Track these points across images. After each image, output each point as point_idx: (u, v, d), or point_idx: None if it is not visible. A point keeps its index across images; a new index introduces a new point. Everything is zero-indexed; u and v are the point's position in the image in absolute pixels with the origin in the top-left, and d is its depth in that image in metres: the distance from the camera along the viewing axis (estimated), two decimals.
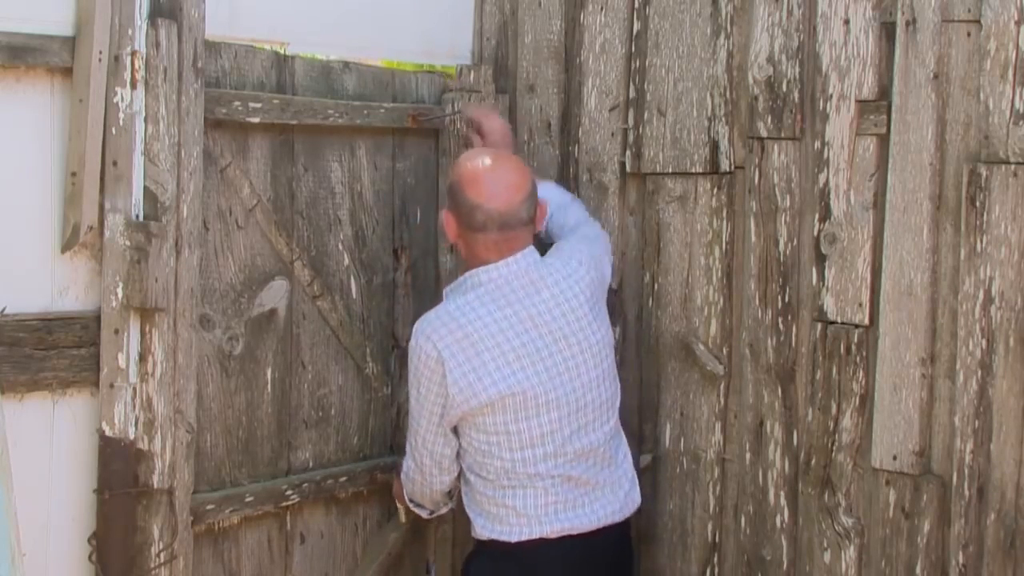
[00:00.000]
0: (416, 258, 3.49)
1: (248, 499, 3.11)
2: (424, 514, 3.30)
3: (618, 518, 3.09)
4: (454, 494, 3.21)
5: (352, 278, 3.34)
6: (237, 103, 3.03)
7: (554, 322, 3.01)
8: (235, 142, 3.05)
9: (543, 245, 3.16)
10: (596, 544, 3.06)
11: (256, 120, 3.06)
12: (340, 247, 3.31)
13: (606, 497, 3.07)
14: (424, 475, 3.12)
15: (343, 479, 3.33)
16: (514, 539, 3.01)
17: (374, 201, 3.39)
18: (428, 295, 3.44)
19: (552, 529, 2.99)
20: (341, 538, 3.38)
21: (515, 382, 2.96)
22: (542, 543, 3.00)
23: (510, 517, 3.01)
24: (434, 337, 2.98)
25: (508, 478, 3.01)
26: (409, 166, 3.46)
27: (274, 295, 3.17)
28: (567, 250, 3.11)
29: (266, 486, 3.16)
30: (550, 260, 3.08)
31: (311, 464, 3.29)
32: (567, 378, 3.01)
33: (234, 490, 3.10)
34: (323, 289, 3.26)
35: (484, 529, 3.05)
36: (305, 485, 3.24)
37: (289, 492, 3.20)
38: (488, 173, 3.00)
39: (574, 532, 3.01)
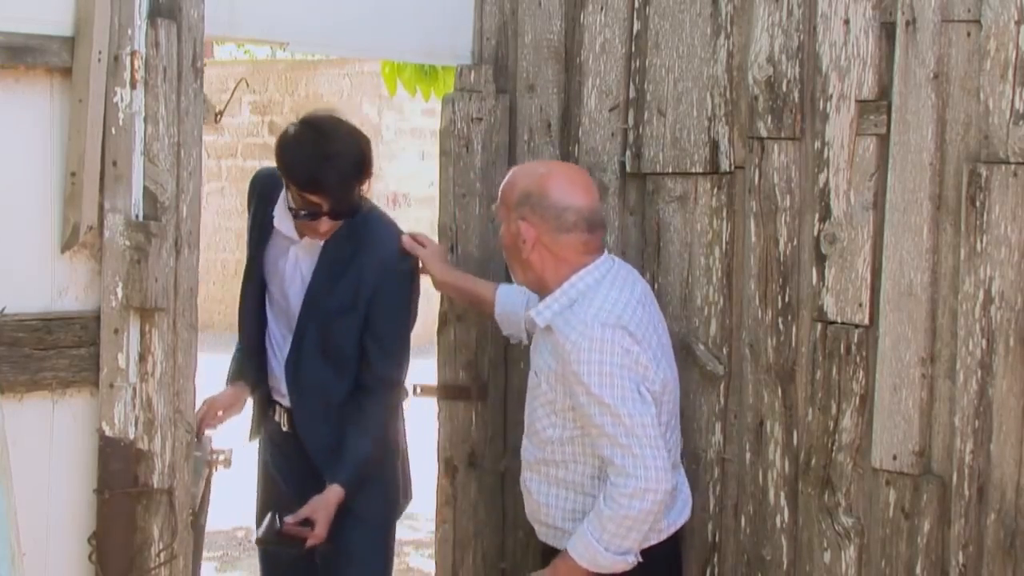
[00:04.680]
0: None
1: None
2: (630, 560, 2.87)
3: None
4: None
5: None
6: None
7: (663, 328, 3.06)
8: None
9: None
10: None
11: None
12: None
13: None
14: (659, 477, 2.79)
15: None
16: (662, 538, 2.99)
17: None
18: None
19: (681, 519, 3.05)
20: None
21: (662, 375, 2.93)
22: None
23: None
24: (622, 320, 2.86)
25: None
26: None
27: None
28: None
29: None
30: None
31: None
32: (677, 374, 3.08)
33: None
34: None
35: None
36: None
37: None
38: (567, 172, 3.05)
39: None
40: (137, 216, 2.82)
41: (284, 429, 3.43)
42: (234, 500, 4.40)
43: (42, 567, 2.75)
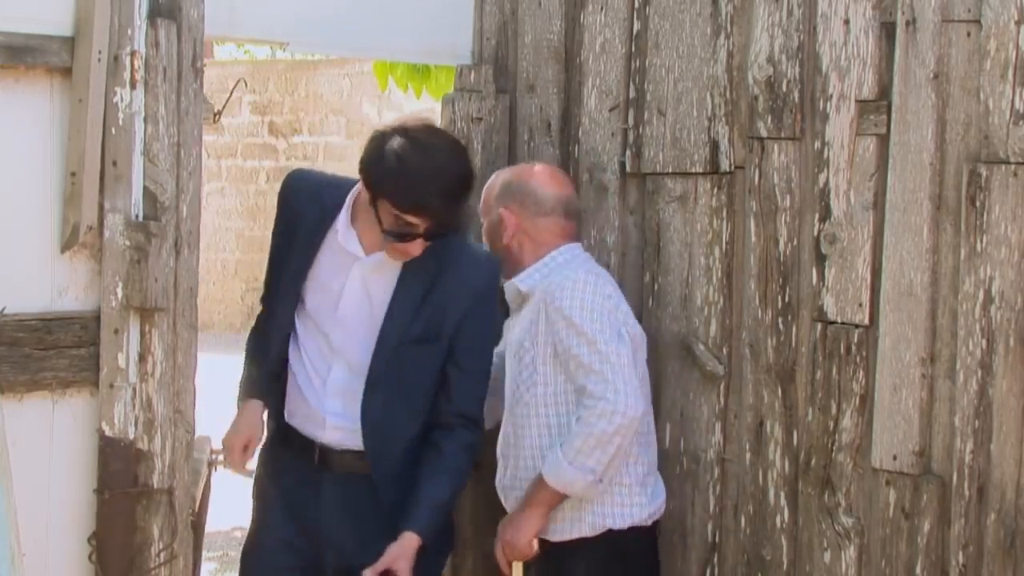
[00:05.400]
0: None
1: None
2: (589, 479, 2.96)
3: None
4: None
5: None
6: None
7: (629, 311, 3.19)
8: None
9: None
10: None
11: None
12: None
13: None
14: (627, 403, 2.91)
15: None
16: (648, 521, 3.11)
17: None
18: None
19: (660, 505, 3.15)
20: None
21: (637, 332, 3.11)
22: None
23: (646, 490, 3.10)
24: (601, 272, 3.12)
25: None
26: None
27: None
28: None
29: None
30: None
31: None
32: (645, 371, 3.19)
33: None
34: None
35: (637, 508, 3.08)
36: None
37: None
38: (546, 167, 3.28)
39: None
40: (137, 216, 2.82)
41: (314, 465, 3.02)
42: (233, 501, 4.40)
43: (42, 567, 2.75)
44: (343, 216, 2.96)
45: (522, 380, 3.09)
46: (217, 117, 3.34)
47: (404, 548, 2.89)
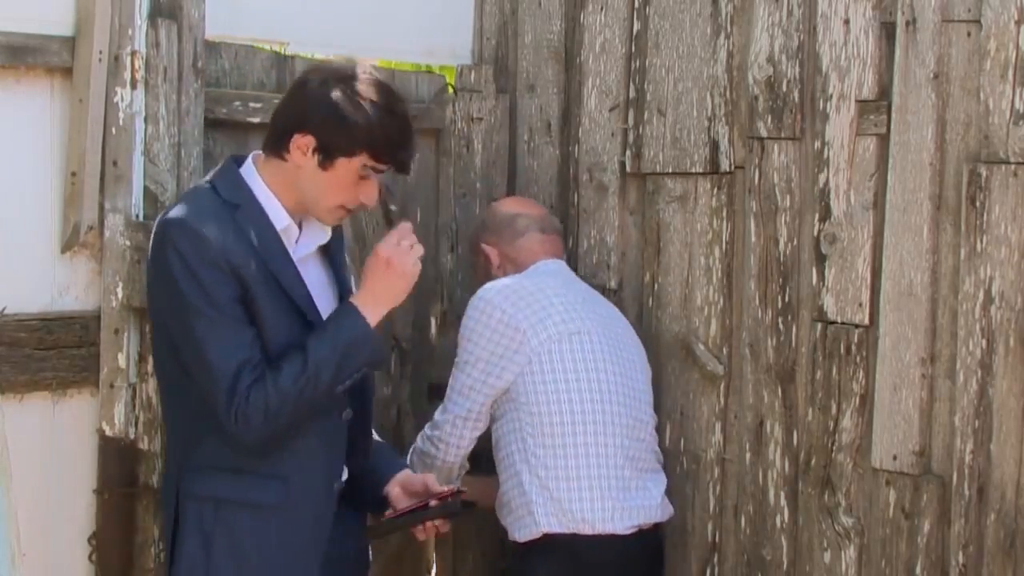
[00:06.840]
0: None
1: None
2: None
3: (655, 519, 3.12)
4: (461, 473, 3.15)
5: None
6: (238, 103, 3.03)
7: (612, 317, 3.21)
8: (235, 142, 3.04)
9: None
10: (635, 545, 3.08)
11: (257, 120, 3.04)
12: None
13: (649, 493, 3.09)
14: (453, 429, 3.06)
15: None
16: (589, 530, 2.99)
17: None
18: (427, 294, 3.44)
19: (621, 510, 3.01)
20: None
21: (582, 325, 3.06)
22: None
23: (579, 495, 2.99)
24: (502, 293, 3.05)
25: (572, 435, 3.00)
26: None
27: None
28: None
29: None
30: None
31: None
32: (628, 366, 3.13)
33: None
34: None
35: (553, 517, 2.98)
36: None
37: None
38: (514, 197, 3.43)
39: (642, 523, 3.04)
40: (137, 216, 2.82)
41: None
42: None
43: (42, 567, 2.75)
44: (293, 225, 2.56)
45: None
46: None
47: (414, 475, 2.79)
